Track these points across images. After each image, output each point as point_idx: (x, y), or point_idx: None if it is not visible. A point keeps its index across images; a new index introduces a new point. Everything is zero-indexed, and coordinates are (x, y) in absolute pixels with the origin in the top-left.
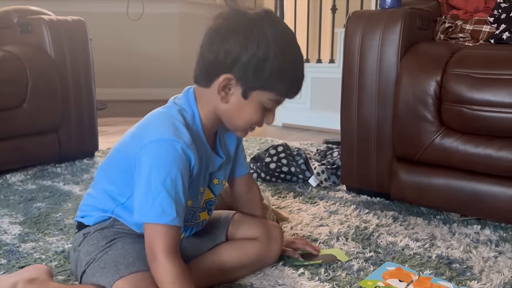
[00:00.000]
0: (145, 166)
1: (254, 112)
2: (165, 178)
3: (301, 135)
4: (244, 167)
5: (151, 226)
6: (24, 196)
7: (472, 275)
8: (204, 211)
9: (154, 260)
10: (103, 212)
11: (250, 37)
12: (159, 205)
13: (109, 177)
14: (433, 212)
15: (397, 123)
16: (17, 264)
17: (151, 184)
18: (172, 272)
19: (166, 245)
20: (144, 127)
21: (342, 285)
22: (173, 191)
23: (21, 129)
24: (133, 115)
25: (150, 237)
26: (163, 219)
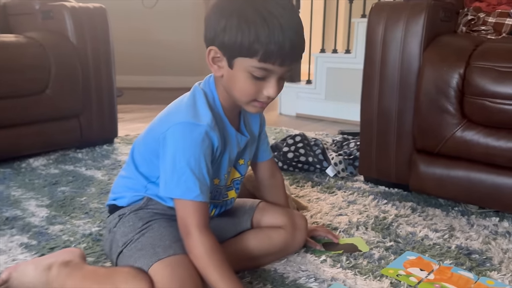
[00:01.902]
0: (170, 147)
1: (244, 81)
2: (189, 158)
3: (316, 126)
4: (267, 152)
5: (180, 201)
6: (48, 180)
7: (492, 266)
8: (232, 190)
9: (188, 234)
10: (136, 191)
11: (227, 8)
12: (184, 183)
13: (141, 158)
14: (451, 203)
15: (418, 115)
16: (47, 245)
17: (176, 164)
18: (207, 245)
19: (198, 220)
20: (172, 111)
21: (364, 272)
22: (197, 170)
23: (44, 114)
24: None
25: (181, 212)
26: (188, 195)
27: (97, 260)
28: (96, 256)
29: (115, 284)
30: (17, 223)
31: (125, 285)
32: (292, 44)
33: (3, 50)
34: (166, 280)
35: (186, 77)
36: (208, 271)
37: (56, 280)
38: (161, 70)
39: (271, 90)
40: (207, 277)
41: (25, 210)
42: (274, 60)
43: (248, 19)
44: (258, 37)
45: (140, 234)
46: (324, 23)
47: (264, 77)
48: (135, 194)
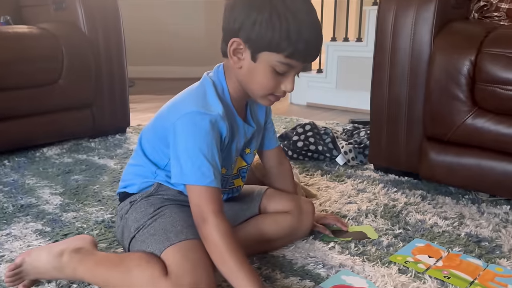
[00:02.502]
0: (181, 135)
1: (265, 75)
2: (201, 145)
3: (326, 115)
4: (274, 140)
5: (194, 188)
6: (61, 168)
7: (501, 254)
8: (238, 178)
9: (203, 221)
10: (145, 178)
11: (257, 1)
12: (198, 169)
13: (149, 145)
14: (462, 191)
15: (428, 102)
16: (60, 232)
17: (189, 151)
18: (222, 230)
19: (213, 206)
20: (181, 100)
21: (372, 259)
22: (209, 156)
23: (57, 104)
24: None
25: (196, 199)
26: (202, 181)
27: (109, 246)
28: (108, 243)
29: (128, 268)
30: (32, 210)
31: (138, 269)
32: (317, 42)
33: (16, 41)
34: (178, 264)
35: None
36: (223, 256)
37: (68, 266)
38: (173, 60)
39: (289, 86)
40: (223, 264)
41: (39, 198)
42: (300, 57)
43: (280, 15)
44: (289, 34)
45: (152, 220)
46: (335, 11)
47: (285, 72)
48: (144, 181)
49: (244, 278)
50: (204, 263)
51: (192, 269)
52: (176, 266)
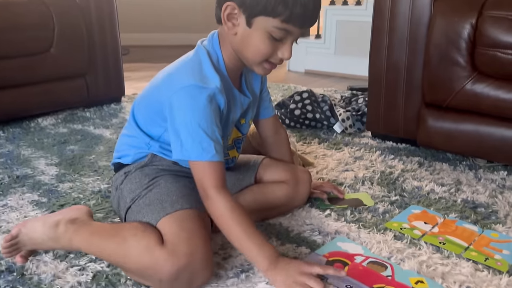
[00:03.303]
0: (179, 110)
1: (261, 41)
2: (200, 120)
3: (325, 82)
4: (270, 109)
5: (196, 164)
6: (57, 139)
7: (497, 219)
8: (233, 149)
9: (206, 197)
10: (139, 149)
11: None
12: (198, 144)
13: (142, 117)
14: (459, 158)
15: (427, 68)
16: (57, 202)
17: (189, 127)
18: (226, 204)
19: (215, 181)
20: (176, 72)
21: (368, 226)
22: (209, 131)
23: (49, 73)
24: (155, 61)
25: (198, 175)
26: (204, 156)
27: (106, 216)
28: (105, 212)
29: (124, 238)
30: (28, 181)
31: (134, 239)
32: (314, 6)
33: (5, 9)
34: (174, 233)
35: (193, 34)
36: (231, 230)
37: (63, 237)
38: (168, 27)
39: (286, 53)
40: (231, 236)
41: (35, 169)
42: (296, 21)
43: None
44: None
45: (147, 190)
46: None
47: (282, 39)
48: (138, 151)
49: (253, 248)
50: (200, 232)
51: (188, 239)
52: (172, 235)
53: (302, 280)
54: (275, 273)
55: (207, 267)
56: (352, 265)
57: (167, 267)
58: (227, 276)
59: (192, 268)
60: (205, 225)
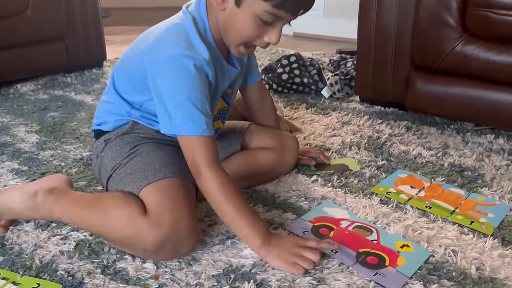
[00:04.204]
0: (166, 82)
1: (248, 23)
2: (189, 92)
3: (313, 45)
4: (256, 74)
5: (186, 139)
6: (37, 105)
7: (483, 183)
8: (218, 120)
9: (199, 175)
10: (119, 116)
11: None
12: (188, 118)
13: (123, 84)
14: (447, 121)
15: (417, 29)
16: (38, 170)
17: (177, 100)
18: (218, 181)
19: (206, 156)
20: (160, 39)
21: (354, 191)
22: (198, 103)
23: (26, 37)
24: (138, 24)
25: (189, 151)
26: (195, 131)
27: (89, 184)
28: (87, 180)
29: (105, 208)
30: (7, 149)
31: (116, 209)
32: None
33: None
34: (157, 203)
35: None
36: (222, 207)
37: (42, 207)
38: None
39: (274, 37)
40: (222, 213)
41: (14, 136)
42: (288, 7)
43: None
44: None
45: (128, 159)
46: None
47: (271, 23)
48: (119, 119)
49: (245, 227)
50: (184, 201)
51: (172, 208)
52: (155, 204)
53: (298, 252)
54: (269, 249)
55: (192, 236)
56: (337, 230)
57: (150, 237)
58: (213, 243)
59: (176, 238)
60: (189, 194)
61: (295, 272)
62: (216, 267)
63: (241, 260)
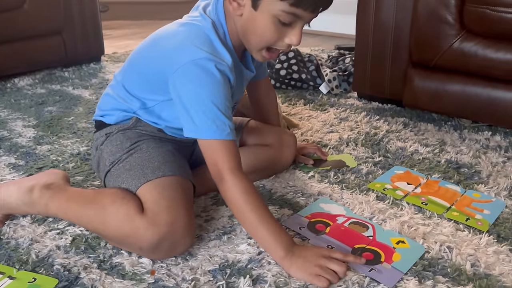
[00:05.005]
0: (189, 85)
1: (267, 25)
2: (213, 95)
3: (312, 41)
4: (263, 70)
5: (208, 143)
6: (34, 100)
7: (479, 179)
8: None
9: (221, 180)
10: (125, 112)
11: None
12: (212, 122)
13: (136, 82)
14: (445, 118)
15: (416, 26)
16: (35, 165)
17: (201, 103)
18: (241, 188)
19: (230, 162)
20: (181, 43)
21: (351, 187)
22: (222, 107)
23: (23, 31)
24: (137, 18)
25: (211, 155)
26: (218, 134)
27: (86, 179)
28: (84, 175)
29: (102, 205)
30: (4, 143)
31: (113, 206)
32: None
33: None
34: (154, 201)
35: None
36: (246, 215)
37: (38, 203)
38: None
39: (295, 38)
40: (245, 222)
41: (11, 131)
42: (307, 5)
43: None
44: None
45: (128, 154)
46: None
47: (290, 23)
48: (124, 114)
49: (267, 236)
50: (181, 200)
51: (169, 207)
52: (152, 203)
53: (323, 263)
54: (292, 260)
55: (189, 235)
56: (333, 226)
57: (147, 236)
58: (209, 238)
59: (173, 237)
60: (187, 193)
61: (319, 284)
62: (212, 262)
63: (237, 256)
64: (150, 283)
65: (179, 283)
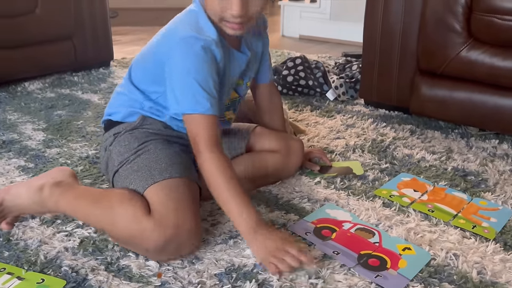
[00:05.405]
0: (176, 63)
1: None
2: (196, 72)
3: (319, 48)
4: (267, 74)
5: (190, 117)
6: (44, 103)
7: (486, 187)
8: (230, 110)
9: (198, 153)
10: (131, 107)
11: None
12: (193, 97)
13: (141, 75)
14: (451, 126)
15: (423, 34)
16: (44, 168)
17: (184, 79)
18: (217, 162)
19: (208, 136)
20: (173, 26)
21: (357, 193)
22: (204, 83)
23: (35, 36)
24: (145, 24)
25: (191, 129)
26: (198, 109)
27: (94, 182)
28: (93, 178)
29: (110, 205)
30: (14, 146)
31: (121, 207)
32: None
33: None
34: (161, 203)
35: None
36: (218, 188)
37: (49, 200)
38: None
39: (234, 7)
40: (217, 194)
41: (21, 134)
42: None
43: None
44: None
45: (135, 155)
46: None
47: None
48: (130, 110)
49: (234, 209)
50: (188, 202)
51: (176, 209)
52: (159, 205)
53: (279, 255)
54: (254, 238)
55: (195, 238)
56: (339, 232)
57: (154, 237)
58: (215, 242)
59: (179, 239)
60: (193, 195)
61: (270, 270)
62: (219, 266)
63: (243, 260)
64: (157, 286)
65: (185, 286)
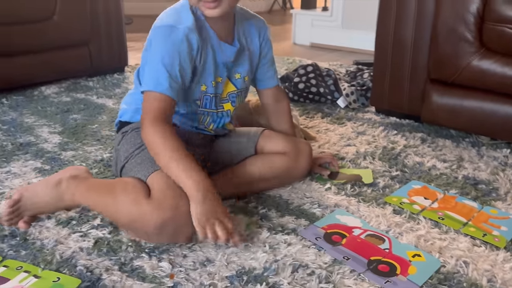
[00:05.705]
0: (152, 50)
1: None
2: (164, 55)
3: (331, 56)
4: (273, 80)
5: (147, 95)
6: (60, 107)
7: (497, 196)
8: (228, 102)
9: (143, 127)
10: (137, 105)
11: None
12: (156, 78)
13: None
14: (462, 135)
15: (435, 43)
16: (59, 170)
17: (153, 61)
18: (160, 133)
19: (154, 112)
20: (159, 17)
21: (368, 200)
22: (169, 66)
23: (53, 41)
24: None
25: (145, 107)
26: (157, 87)
27: None
28: None
29: (115, 193)
30: (31, 148)
31: (124, 194)
32: None
33: None
34: (161, 189)
35: None
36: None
37: (67, 192)
38: None
39: None
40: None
41: (38, 137)
42: None
43: None
44: None
45: (140, 150)
46: None
47: None
48: (137, 108)
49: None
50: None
51: (174, 195)
52: (158, 191)
53: (212, 222)
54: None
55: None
56: (350, 237)
57: (152, 219)
58: (226, 245)
59: (176, 221)
60: None
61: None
62: (230, 268)
63: (254, 263)
64: (169, 287)
65: (197, 287)
